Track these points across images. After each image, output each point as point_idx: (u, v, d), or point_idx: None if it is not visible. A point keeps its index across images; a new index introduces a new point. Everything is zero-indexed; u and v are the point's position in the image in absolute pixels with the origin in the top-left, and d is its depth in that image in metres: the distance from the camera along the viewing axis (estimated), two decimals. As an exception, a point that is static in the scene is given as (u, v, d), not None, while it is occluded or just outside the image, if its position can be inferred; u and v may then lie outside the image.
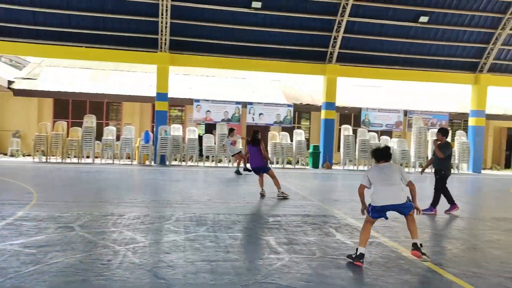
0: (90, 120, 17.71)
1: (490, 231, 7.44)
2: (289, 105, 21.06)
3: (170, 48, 17.61)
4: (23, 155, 18.62)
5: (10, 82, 18.66)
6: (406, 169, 19.60)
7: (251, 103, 20.50)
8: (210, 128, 20.92)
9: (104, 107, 21.28)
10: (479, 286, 4.57)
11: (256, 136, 10.22)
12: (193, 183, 12.54)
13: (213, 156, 18.55)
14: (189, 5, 16.95)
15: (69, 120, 20.08)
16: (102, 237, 5.90)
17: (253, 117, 20.44)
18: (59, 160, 17.28)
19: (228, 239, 6.05)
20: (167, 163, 17.61)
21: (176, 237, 6.07)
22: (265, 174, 10.14)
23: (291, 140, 19.67)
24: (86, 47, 17.21)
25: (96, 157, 17.91)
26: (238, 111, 20.15)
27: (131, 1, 16.58)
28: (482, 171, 21.41)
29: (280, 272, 4.72)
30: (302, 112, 23.57)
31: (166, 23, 16.94)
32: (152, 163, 17.60)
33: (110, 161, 17.49)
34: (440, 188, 8.83)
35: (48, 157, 17.13)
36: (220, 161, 19.06)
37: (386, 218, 5.28)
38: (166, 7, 16.54)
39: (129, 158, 18.26)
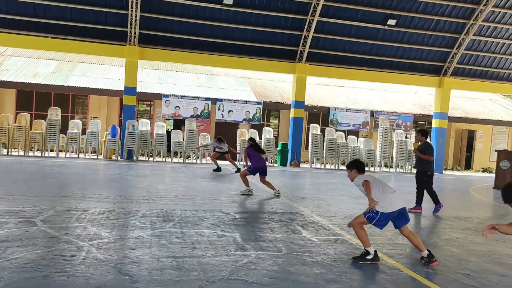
0: (54, 113, 17.25)
1: (449, 229, 7.70)
2: (258, 103, 21.12)
3: (140, 42, 17.35)
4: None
5: (-31, 71, 17.98)
6: (372, 168, 20.02)
7: (220, 100, 20.44)
8: (178, 123, 20.73)
9: (70, 100, 20.76)
10: (438, 283, 4.73)
11: (255, 143, 11.11)
12: (160, 179, 12.41)
13: (181, 152, 18.41)
14: (159, -1, 16.78)
15: (33, 112, 19.50)
16: (65, 233, 5.78)
17: (222, 114, 20.39)
18: (22, 153, 16.77)
19: (194, 235, 6.03)
20: (134, 158, 17.36)
21: (142, 233, 6.00)
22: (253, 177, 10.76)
23: (260, 138, 19.74)
24: (52, 37, 16.74)
25: (61, 151, 17.47)
26: (208, 107, 20.06)
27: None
28: (444, 172, 22.09)
29: (247, 268, 4.75)
30: (271, 110, 23.68)
31: (135, 16, 16.67)
32: (119, 158, 17.31)
33: (75, 155, 17.10)
34: (428, 188, 9.05)
35: (10, 150, 16.59)
36: (188, 157, 18.93)
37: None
38: (136, 0, 16.29)
39: (95, 152, 17.90)
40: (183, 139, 18.43)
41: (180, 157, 18.48)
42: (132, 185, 10.97)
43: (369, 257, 5.24)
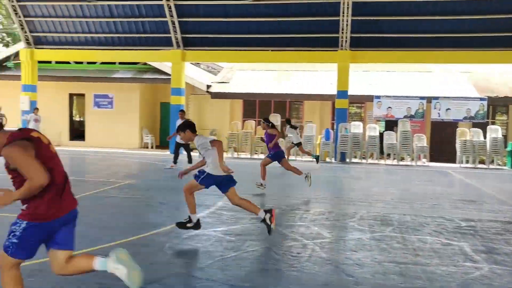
0: (275, 119, 18.87)
1: None
2: (482, 99, 18.99)
3: (351, 46, 17.58)
4: (218, 151, 20.85)
5: (208, 86, 21.05)
6: None
7: (436, 98, 19.12)
8: (391, 124, 20.21)
9: (287, 106, 22.38)
10: None
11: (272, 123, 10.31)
12: (374, 181, 12.31)
13: (394, 154, 17.91)
14: (370, 0, 16.68)
15: (256, 119, 21.70)
16: (291, 230, 6.26)
17: (438, 113, 19.01)
18: (248, 156, 18.82)
19: (416, 241, 5.81)
20: (347, 160, 17.65)
21: (362, 235, 6.08)
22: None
23: (485, 137, 17.73)
24: (272, 50, 18.35)
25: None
26: (423, 106, 19.00)
27: (313, 3, 17.06)
28: None
29: (480, 283, 4.35)
30: (497, 105, 21.03)
31: (347, 21, 16.97)
32: (333, 160, 17.85)
33: (293, 158, 18.34)
34: None
35: (238, 153, 18.82)
36: (402, 159, 18.30)
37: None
38: (347, 5, 16.57)
39: (310, 155, 18.85)
40: (396, 141, 17.90)
41: (394, 159, 17.99)
42: (347, 187, 11.20)
43: (189, 224, 5.71)
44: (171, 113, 18.45)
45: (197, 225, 5.77)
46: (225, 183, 5.74)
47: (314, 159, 14.84)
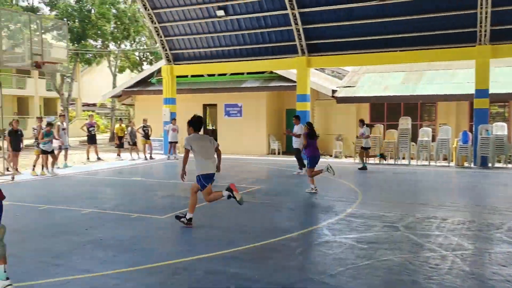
0: (405, 122, 17.98)
1: None
2: None
3: (491, 40, 16.01)
4: (345, 157, 20.48)
5: (333, 91, 20.89)
6: None
7: None
8: (542, 125, 17.87)
9: (418, 109, 21.17)
10: None
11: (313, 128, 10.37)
12: (524, 188, 10.99)
13: (548, 158, 15.80)
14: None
15: (385, 122, 20.90)
16: (427, 240, 5.89)
17: None
18: (377, 162, 18.19)
19: None
20: (489, 165, 16.05)
21: (511, 248, 5.46)
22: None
23: None
24: (400, 51, 17.55)
25: (412, 159, 18.00)
26: None
27: (445, -3, 15.97)
28: None
29: None
30: None
31: (485, 13, 15.51)
32: (472, 165, 16.39)
33: (426, 163, 17.25)
34: None
35: (366, 159, 18.30)
36: (558, 163, 16.04)
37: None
38: (486, -5, 15.16)
39: (445, 159, 17.56)
40: (550, 143, 15.77)
41: (547, 163, 15.88)
42: (490, 194, 10.18)
43: (183, 220, 6.73)
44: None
45: (189, 221, 6.74)
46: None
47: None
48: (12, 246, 5.84)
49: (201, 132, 6.85)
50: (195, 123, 6.66)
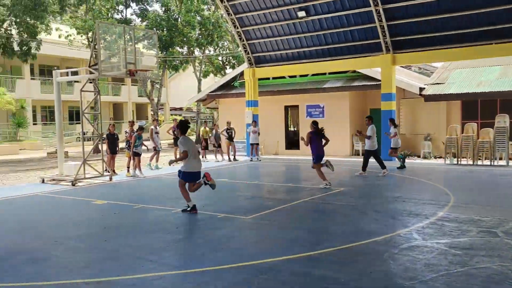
0: (502, 120, 16.67)
1: None
2: None
3: None
4: (435, 157, 19.46)
5: (421, 89, 19.94)
6: None
7: None
8: None
9: (518, 105, 19.52)
10: None
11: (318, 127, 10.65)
12: None
13: None
14: None
15: (479, 121, 19.54)
16: (531, 248, 5.42)
17: None
18: (470, 162, 17.06)
19: None
20: None
21: None
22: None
23: None
24: (495, 43, 16.32)
25: (510, 159, 16.65)
26: None
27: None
28: None
29: None
30: None
31: None
32: None
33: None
34: None
35: (458, 159, 17.23)
36: None
37: None
38: None
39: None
40: None
41: None
42: None
43: (187, 208, 7.94)
44: (382, 119, 18.13)
45: (192, 209, 7.90)
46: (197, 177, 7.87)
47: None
48: (112, 241, 6.31)
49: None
50: (184, 127, 7.94)
